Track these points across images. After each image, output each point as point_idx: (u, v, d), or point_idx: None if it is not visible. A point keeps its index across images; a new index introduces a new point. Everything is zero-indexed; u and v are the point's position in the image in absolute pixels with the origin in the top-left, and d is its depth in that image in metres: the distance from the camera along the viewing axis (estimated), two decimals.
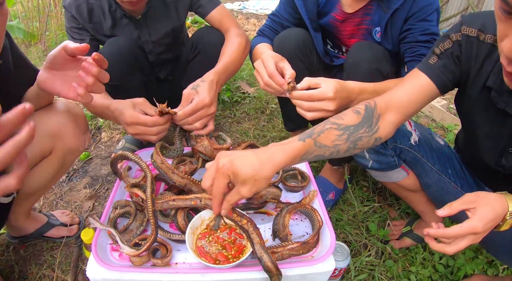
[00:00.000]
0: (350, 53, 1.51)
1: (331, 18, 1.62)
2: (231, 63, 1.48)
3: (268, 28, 1.75)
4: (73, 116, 1.29)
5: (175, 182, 1.10)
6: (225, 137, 1.28)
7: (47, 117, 1.26)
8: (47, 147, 1.28)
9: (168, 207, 1.06)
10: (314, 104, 1.13)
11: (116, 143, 2.23)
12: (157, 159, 1.11)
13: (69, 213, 1.74)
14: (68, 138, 1.29)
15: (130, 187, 1.13)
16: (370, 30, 1.56)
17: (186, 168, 1.16)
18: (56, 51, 1.03)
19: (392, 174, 1.40)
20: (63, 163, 1.37)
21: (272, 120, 2.35)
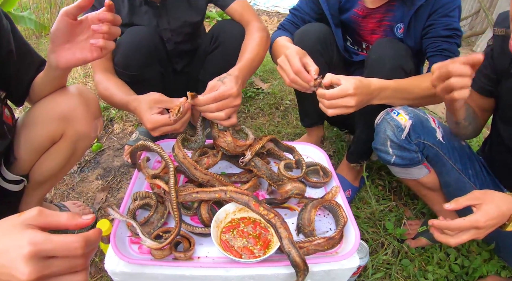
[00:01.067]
0: (373, 50, 1.50)
1: (353, 14, 1.61)
2: (254, 60, 1.44)
3: (289, 23, 1.73)
4: (84, 99, 1.26)
5: (197, 178, 1.07)
6: (247, 131, 1.25)
7: (57, 100, 1.23)
8: (56, 130, 1.25)
9: (191, 199, 1.03)
10: (335, 102, 1.15)
11: (129, 135, 2.20)
12: (178, 153, 1.08)
13: (81, 204, 1.71)
14: (78, 122, 1.25)
15: (151, 178, 1.10)
16: (392, 27, 1.55)
17: (209, 160, 1.13)
18: (58, 22, 1.01)
19: (414, 170, 1.39)
20: (74, 150, 1.33)
21: (287, 116, 2.32)
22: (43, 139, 1.25)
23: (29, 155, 1.29)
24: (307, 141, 1.98)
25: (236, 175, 1.24)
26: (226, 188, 1.00)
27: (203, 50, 1.83)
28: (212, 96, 1.13)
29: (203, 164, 1.12)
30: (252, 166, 1.16)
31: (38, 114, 1.24)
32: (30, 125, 1.25)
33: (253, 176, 1.22)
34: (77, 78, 2.78)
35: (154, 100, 1.18)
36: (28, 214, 0.58)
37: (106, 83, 1.43)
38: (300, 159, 1.22)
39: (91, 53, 1.04)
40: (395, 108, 1.34)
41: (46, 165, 1.33)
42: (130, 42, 1.54)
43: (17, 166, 1.30)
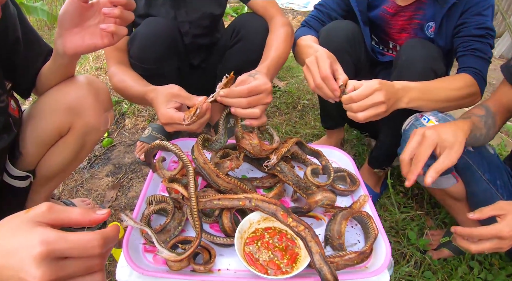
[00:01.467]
0: (403, 50, 1.43)
1: (382, 11, 1.54)
2: (280, 57, 1.36)
3: (315, 19, 1.65)
4: (94, 90, 1.18)
5: (219, 186, 0.99)
6: (272, 132, 1.16)
7: (64, 90, 1.16)
8: (64, 122, 1.18)
9: (212, 206, 0.95)
10: (363, 102, 1.09)
11: (141, 130, 2.13)
12: (199, 157, 0.99)
13: (90, 202, 1.64)
14: (87, 114, 1.18)
15: (168, 181, 1.02)
16: (422, 25, 1.49)
17: (232, 164, 1.04)
18: (67, 4, 0.94)
19: (442, 180, 1.31)
20: (82, 144, 1.26)
21: (304, 116, 2.23)
22: (49, 132, 1.18)
23: (35, 149, 1.22)
24: (327, 143, 1.90)
25: (258, 179, 1.16)
26: (252, 196, 0.91)
27: (222, 45, 1.74)
28: (246, 89, 1.03)
29: (225, 167, 1.04)
30: (278, 171, 1.08)
31: (44, 106, 1.17)
32: (36, 118, 1.18)
33: (276, 181, 1.14)
34: (88, 71, 2.72)
35: (172, 94, 1.09)
36: (37, 210, 0.52)
37: (121, 75, 1.35)
38: (328, 165, 1.13)
39: (101, 40, 0.97)
40: (425, 114, 1.27)
41: (53, 159, 1.26)
42: (147, 34, 1.46)
43: (22, 161, 1.23)
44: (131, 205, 1.67)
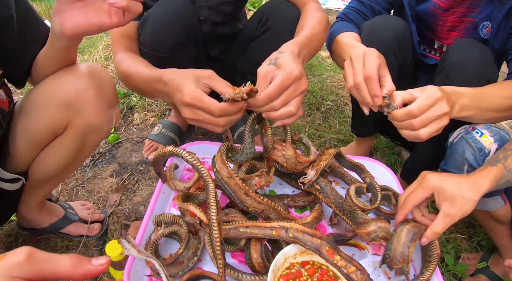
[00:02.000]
0: (453, 50, 1.25)
1: (433, 5, 1.35)
2: (315, 37, 1.14)
3: (355, 12, 1.45)
4: (96, 82, 0.99)
5: (248, 207, 0.79)
6: (308, 142, 0.96)
7: (61, 81, 0.97)
8: (59, 120, 0.99)
9: (238, 235, 0.76)
10: (427, 115, 0.90)
11: (150, 127, 1.94)
12: (222, 170, 0.79)
13: (90, 206, 1.46)
14: (87, 110, 0.99)
15: (182, 199, 0.82)
16: (476, 24, 1.31)
17: (261, 181, 0.84)
18: None
19: (490, 201, 1.19)
20: (81, 145, 1.07)
21: (328, 119, 2.04)
22: (42, 130, 1.00)
23: (27, 149, 1.04)
24: (356, 150, 1.70)
25: (290, 196, 0.97)
26: (289, 225, 0.72)
27: (246, 35, 1.53)
28: (272, 92, 0.83)
29: (252, 185, 0.83)
30: (316, 189, 0.88)
31: (37, 99, 0.98)
32: (28, 113, 0.99)
33: (311, 199, 0.95)
34: (97, 61, 2.54)
35: (204, 75, 0.89)
36: (13, 258, 0.40)
37: (130, 61, 1.15)
38: (373, 183, 0.94)
39: (109, 18, 0.76)
40: (477, 127, 1.12)
41: (47, 161, 1.08)
42: (161, 16, 1.25)
43: (12, 162, 1.06)
44: (135, 212, 1.49)
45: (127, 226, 1.43)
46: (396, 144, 1.84)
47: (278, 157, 0.86)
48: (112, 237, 1.40)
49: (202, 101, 0.84)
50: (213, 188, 0.75)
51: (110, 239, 1.39)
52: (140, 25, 1.28)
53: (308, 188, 0.90)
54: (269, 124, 0.92)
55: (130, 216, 1.48)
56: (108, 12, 0.75)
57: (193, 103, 0.85)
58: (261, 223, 0.75)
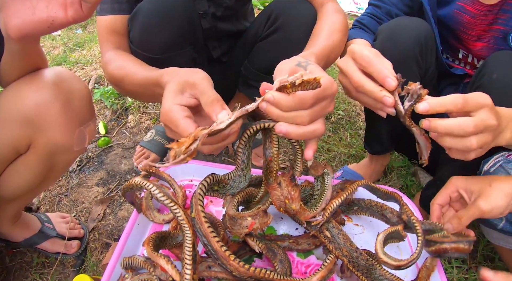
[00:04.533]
0: (493, 65, 1.06)
1: (457, 9, 1.19)
2: (334, 49, 0.98)
3: (370, 18, 1.29)
4: (64, 94, 0.84)
5: (231, 271, 0.61)
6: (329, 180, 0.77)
7: (22, 93, 0.82)
8: (21, 138, 0.85)
9: None
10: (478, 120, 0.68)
11: (144, 131, 1.79)
12: (202, 227, 0.61)
13: (70, 219, 1.32)
14: (52, 128, 0.84)
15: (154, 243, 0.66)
16: (506, 33, 1.14)
17: (255, 222, 0.66)
18: None
19: None
20: (50, 165, 0.93)
21: (339, 130, 1.87)
22: (3, 148, 0.85)
23: None
24: (368, 169, 1.54)
25: (292, 238, 0.81)
26: None
27: (252, 34, 1.36)
28: (309, 99, 0.62)
29: (243, 227, 0.67)
30: (326, 238, 0.72)
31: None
32: None
33: (318, 242, 0.79)
34: (96, 56, 2.39)
35: (188, 82, 0.69)
36: None
37: (121, 61, 0.99)
38: (414, 222, 0.76)
39: (64, 10, 0.60)
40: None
41: (12, 180, 0.94)
42: (153, 11, 1.09)
43: None
44: (119, 229, 1.34)
45: (108, 245, 1.29)
46: (413, 163, 1.67)
47: (276, 200, 0.69)
48: (91, 256, 1.26)
49: (173, 122, 0.65)
50: (190, 237, 0.59)
51: (89, 259, 1.25)
52: (129, 19, 1.12)
53: (315, 233, 0.74)
54: (276, 135, 0.72)
55: (112, 233, 1.33)
56: (63, 3, 0.60)
57: (164, 122, 0.67)
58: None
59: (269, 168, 0.72)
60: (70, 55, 2.44)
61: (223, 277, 0.63)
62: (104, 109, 1.92)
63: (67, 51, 2.49)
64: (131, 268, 0.68)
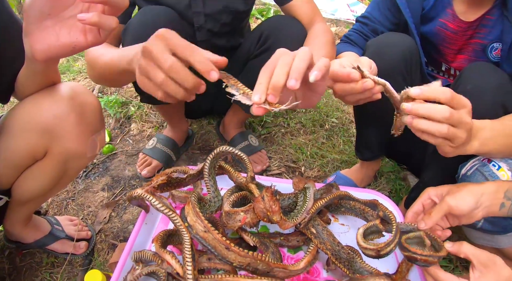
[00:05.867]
0: (468, 77, 1.15)
1: (440, 26, 1.27)
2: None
3: (357, 34, 1.39)
4: (78, 106, 0.92)
5: (231, 262, 0.70)
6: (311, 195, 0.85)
7: (40, 105, 0.90)
8: (38, 146, 0.93)
9: None
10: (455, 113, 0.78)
11: (147, 139, 1.88)
12: (197, 224, 0.71)
13: (78, 222, 1.40)
14: (67, 138, 0.92)
15: (162, 240, 0.75)
16: (485, 46, 1.22)
17: (247, 217, 0.76)
18: None
19: (502, 239, 1.12)
20: (63, 171, 1.02)
21: (332, 137, 1.96)
22: (21, 154, 0.94)
23: (6, 170, 0.98)
24: (359, 174, 1.63)
25: (283, 236, 0.90)
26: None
27: (245, 52, 1.46)
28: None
29: (236, 220, 0.76)
30: (312, 234, 0.81)
31: (15, 122, 0.92)
32: (6, 135, 0.93)
33: (306, 239, 0.88)
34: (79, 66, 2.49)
35: None
36: None
37: (103, 49, 1.01)
38: (388, 214, 0.85)
39: (84, 36, 0.68)
40: (495, 160, 1.04)
41: (28, 185, 1.02)
42: (141, 25, 1.18)
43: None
44: (124, 231, 1.43)
45: (114, 246, 1.37)
46: (403, 168, 1.76)
47: (259, 212, 0.77)
48: (98, 257, 1.34)
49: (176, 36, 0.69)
50: (189, 239, 0.68)
51: (96, 259, 1.33)
52: (122, 33, 1.22)
53: (302, 229, 0.83)
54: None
55: (118, 235, 1.42)
56: (82, 30, 0.67)
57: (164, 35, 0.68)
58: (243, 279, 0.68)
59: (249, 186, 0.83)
60: (74, 64, 2.52)
61: (222, 268, 0.72)
62: (108, 117, 2.01)
63: (71, 60, 2.56)
64: (140, 261, 0.77)
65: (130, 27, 1.21)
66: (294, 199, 0.89)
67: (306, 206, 0.82)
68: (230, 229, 0.81)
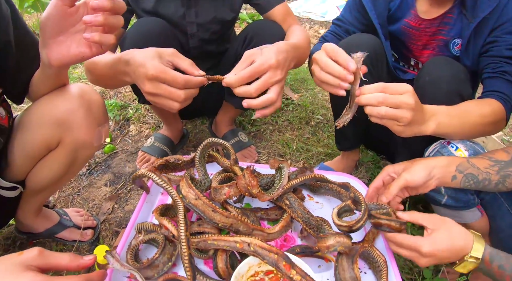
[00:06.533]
0: (427, 70, 1.30)
1: (404, 25, 1.42)
2: (301, 47, 1.23)
3: (332, 35, 1.54)
4: (86, 103, 1.08)
5: (217, 223, 0.86)
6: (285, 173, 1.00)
7: (54, 102, 1.06)
8: (52, 137, 1.08)
9: (206, 247, 0.84)
10: (391, 97, 0.94)
11: (145, 138, 2.03)
12: (189, 194, 0.86)
13: (84, 213, 1.54)
14: (77, 129, 1.08)
15: (160, 212, 0.91)
16: (447, 42, 1.36)
17: (230, 191, 0.92)
18: (50, 7, 0.81)
19: (466, 214, 1.22)
20: (73, 159, 1.16)
21: (317, 132, 2.11)
22: (37, 145, 1.09)
23: (23, 161, 1.13)
24: (341, 164, 1.77)
25: (263, 210, 1.05)
26: (250, 240, 0.80)
27: (232, 53, 1.62)
28: (245, 73, 0.93)
29: (222, 194, 0.92)
30: (286, 205, 0.96)
31: (32, 118, 1.08)
32: (23, 129, 1.08)
33: (282, 212, 1.02)
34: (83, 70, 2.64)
35: (167, 53, 0.94)
36: (29, 254, 0.60)
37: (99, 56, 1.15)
38: (358, 195, 0.99)
39: (89, 48, 0.84)
40: (453, 142, 1.17)
41: (42, 173, 1.17)
42: (136, 36, 1.35)
43: (10, 172, 1.15)
44: (127, 219, 1.57)
45: (117, 233, 1.51)
46: (381, 158, 1.91)
47: (241, 187, 0.93)
48: (103, 242, 1.48)
49: (166, 73, 0.89)
50: (182, 206, 0.83)
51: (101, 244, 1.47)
52: (121, 43, 1.38)
53: (278, 203, 0.98)
54: None
55: (121, 223, 1.56)
56: (88, 44, 0.84)
57: (157, 76, 0.89)
58: (226, 236, 0.83)
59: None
60: (74, 71, 2.67)
61: (209, 231, 0.87)
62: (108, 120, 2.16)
63: (71, 68, 2.70)
64: (142, 230, 0.92)
65: (127, 37, 1.36)
66: (272, 179, 1.04)
67: (281, 183, 0.97)
68: (218, 202, 0.96)
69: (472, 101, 1.21)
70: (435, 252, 0.88)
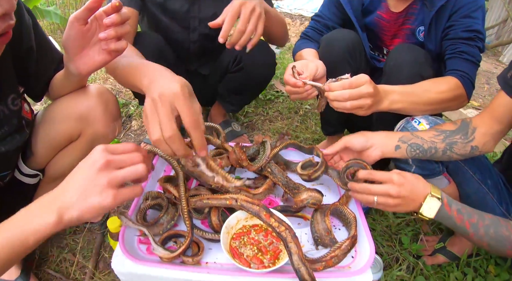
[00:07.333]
0: (391, 56, 1.45)
1: (377, 17, 1.56)
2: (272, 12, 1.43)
3: (313, 30, 1.68)
4: (104, 101, 1.24)
5: (210, 185, 1.03)
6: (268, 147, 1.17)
7: (76, 100, 1.22)
8: (75, 130, 1.24)
9: (202, 205, 1.01)
10: (354, 91, 1.09)
11: (146, 133, 2.20)
12: (187, 163, 1.01)
13: None
14: (97, 123, 1.24)
15: (164, 180, 1.08)
16: (414, 30, 1.51)
17: (222, 162, 1.10)
18: (68, 29, 0.94)
19: (434, 181, 1.31)
20: (90, 149, 1.31)
21: (306, 121, 2.28)
22: (60, 137, 1.25)
23: (46, 151, 1.29)
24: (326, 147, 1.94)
25: (251, 180, 1.22)
26: (237, 196, 0.97)
27: (225, 65, 1.80)
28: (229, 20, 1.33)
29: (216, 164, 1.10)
30: (268, 172, 1.13)
31: (57, 112, 1.24)
32: (49, 122, 1.25)
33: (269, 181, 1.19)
34: (98, 73, 2.81)
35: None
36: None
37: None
38: (318, 152, 1.18)
39: (109, 54, 1.00)
40: (416, 117, 1.29)
41: (61, 162, 1.33)
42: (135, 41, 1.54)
43: (33, 161, 1.30)
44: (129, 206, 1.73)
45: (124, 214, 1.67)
46: None
47: (233, 160, 1.11)
48: None
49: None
50: (182, 173, 1.02)
51: None
52: None
53: (262, 172, 1.15)
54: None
55: (128, 205, 1.72)
56: (107, 51, 0.98)
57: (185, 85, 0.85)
58: (218, 195, 1.00)
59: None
60: None
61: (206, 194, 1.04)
62: None
63: None
64: (150, 197, 1.10)
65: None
66: (257, 149, 1.21)
67: (265, 154, 1.14)
68: None
69: (430, 80, 1.32)
70: (403, 183, 1.01)
